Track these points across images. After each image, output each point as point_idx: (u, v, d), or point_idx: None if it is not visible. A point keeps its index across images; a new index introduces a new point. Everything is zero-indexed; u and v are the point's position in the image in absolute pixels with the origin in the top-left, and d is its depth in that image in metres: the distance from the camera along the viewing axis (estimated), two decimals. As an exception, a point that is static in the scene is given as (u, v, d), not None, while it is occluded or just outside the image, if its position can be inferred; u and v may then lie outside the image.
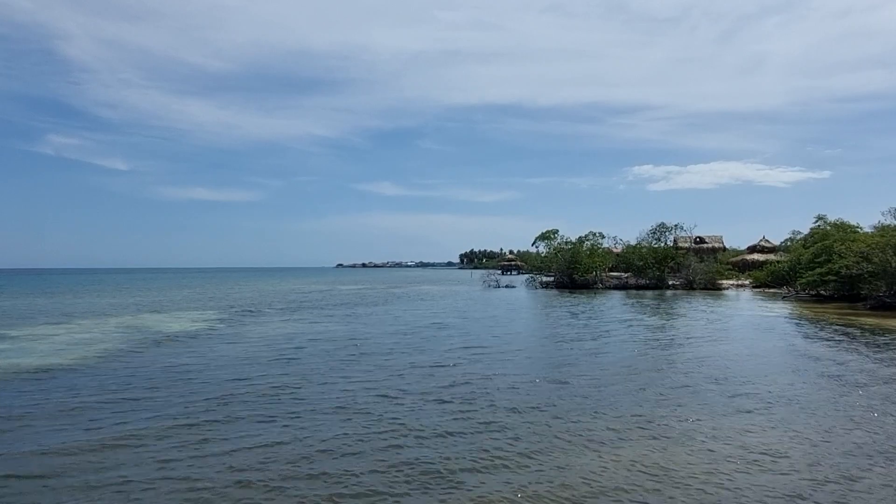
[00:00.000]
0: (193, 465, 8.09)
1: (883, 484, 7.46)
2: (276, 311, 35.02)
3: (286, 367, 15.74)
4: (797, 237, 65.05)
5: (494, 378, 14.11)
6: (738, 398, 12.07)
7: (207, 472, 7.82)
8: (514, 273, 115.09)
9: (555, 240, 64.29)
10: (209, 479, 7.58)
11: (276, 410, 11.00)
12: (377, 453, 8.58)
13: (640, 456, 8.49)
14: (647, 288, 58.19)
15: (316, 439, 9.21)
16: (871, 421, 10.32)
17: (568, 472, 7.88)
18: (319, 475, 7.75)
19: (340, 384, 13.42)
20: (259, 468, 7.98)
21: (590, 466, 8.06)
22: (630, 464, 8.16)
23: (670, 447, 8.86)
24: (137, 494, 7.14)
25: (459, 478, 7.66)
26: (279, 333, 23.18)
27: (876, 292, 36.73)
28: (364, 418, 10.46)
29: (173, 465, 8.08)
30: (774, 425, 10.05)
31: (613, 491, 7.25)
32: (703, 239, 73.97)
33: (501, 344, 20.26)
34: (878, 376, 14.43)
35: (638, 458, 8.38)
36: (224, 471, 7.88)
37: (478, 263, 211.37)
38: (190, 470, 7.92)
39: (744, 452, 8.62)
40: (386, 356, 17.50)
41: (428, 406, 11.38)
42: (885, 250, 35.52)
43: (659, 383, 13.63)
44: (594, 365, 16.08)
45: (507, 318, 30.75)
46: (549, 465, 8.12)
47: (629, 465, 8.10)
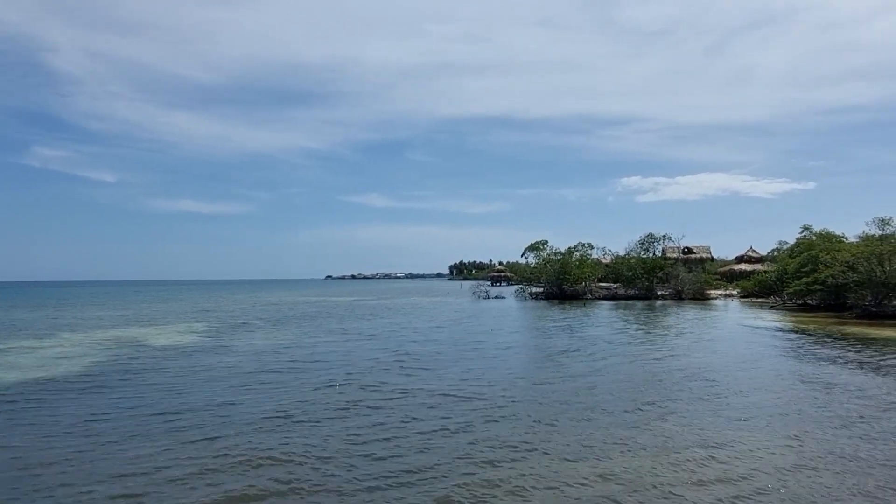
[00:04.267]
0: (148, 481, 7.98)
1: (864, 493, 7.48)
2: (263, 323, 34.78)
3: (267, 388, 15.59)
4: (784, 247, 65.49)
5: (479, 386, 14.08)
6: (725, 408, 12.08)
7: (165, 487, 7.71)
8: (504, 284, 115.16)
9: (544, 251, 64.38)
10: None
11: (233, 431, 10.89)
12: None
13: (631, 466, 8.48)
14: (636, 298, 58.38)
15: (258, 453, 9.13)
16: (857, 430, 10.36)
17: (555, 480, 7.85)
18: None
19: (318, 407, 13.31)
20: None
21: (574, 476, 8.03)
22: (620, 474, 8.14)
23: (657, 457, 8.84)
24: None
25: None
26: (265, 348, 22.99)
27: (861, 301, 37.05)
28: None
29: (128, 475, 7.97)
30: (762, 435, 10.05)
31: (597, 500, 7.23)
32: (692, 249, 74.43)
33: (489, 353, 20.22)
34: (863, 386, 14.52)
35: (629, 469, 8.37)
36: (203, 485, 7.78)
37: (467, 275, 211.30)
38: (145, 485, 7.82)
39: (728, 462, 8.62)
40: (380, 376, 17.39)
41: (412, 417, 11.31)
42: (870, 260, 35.87)
43: (649, 393, 13.62)
44: (582, 374, 16.05)
45: (497, 328, 30.70)
46: (534, 474, 8.09)
47: (618, 476, 8.08)
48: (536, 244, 65.17)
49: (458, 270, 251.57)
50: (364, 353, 20.77)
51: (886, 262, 35.58)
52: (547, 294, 61.76)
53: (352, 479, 8.00)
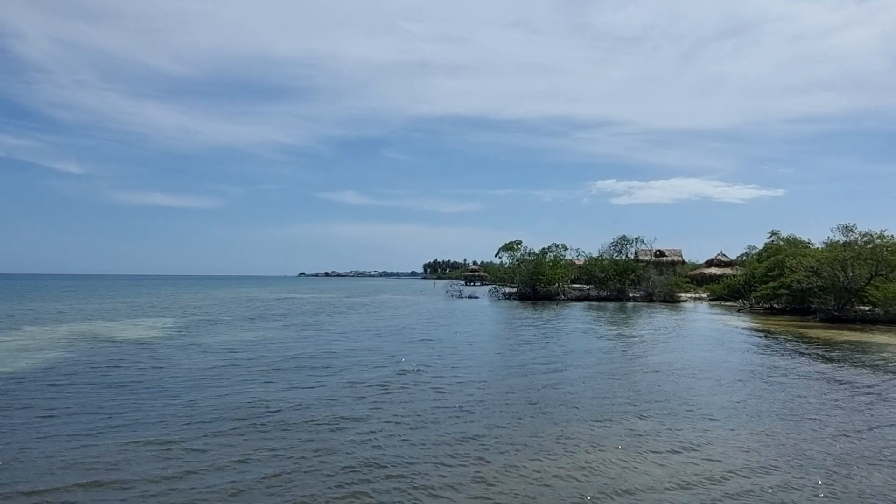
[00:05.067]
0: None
1: (829, 493, 7.56)
2: (234, 319, 34.20)
3: (235, 383, 15.28)
4: (752, 252, 66.69)
5: (452, 383, 13.98)
6: (691, 406, 12.21)
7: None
8: (478, 284, 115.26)
9: (518, 251, 64.58)
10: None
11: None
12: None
13: (594, 462, 8.48)
14: (608, 300, 58.92)
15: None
16: (814, 428, 10.55)
17: (525, 477, 7.78)
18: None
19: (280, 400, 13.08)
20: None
21: (544, 472, 7.97)
22: (584, 470, 8.12)
23: (625, 453, 8.84)
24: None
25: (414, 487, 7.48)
26: (232, 344, 22.58)
27: (825, 306, 37.92)
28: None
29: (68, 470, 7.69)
30: (724, 433, 10.16)
31: (565, 496, 7.19)
32: (663, 252, 75.44)
33: (460, 352, 20.14)
34: (823, 387, 14.81)
35: (591, 465, 8.36)
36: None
37: (441, 274, 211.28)
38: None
39: (694, 458, 8.67)
40: (339, 370, 17.18)
41: (384, 413, 11.16)
42: (834, 265, 36.71)
43: (618, 392, 13.68)
44: (553, 374, 16.07)
45: (469, 327, 30.67)
46: (507, 471, 8.00)
47: (585, 471, 8.06)
48: (510, 244, 65.33)
49: (433, 269, 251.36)
50: (336, 349, 20.52)
51: (849, 267, 36.46)
52: (520, 294, 61.96)
53: (318, 479, 7.84)
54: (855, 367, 18.18)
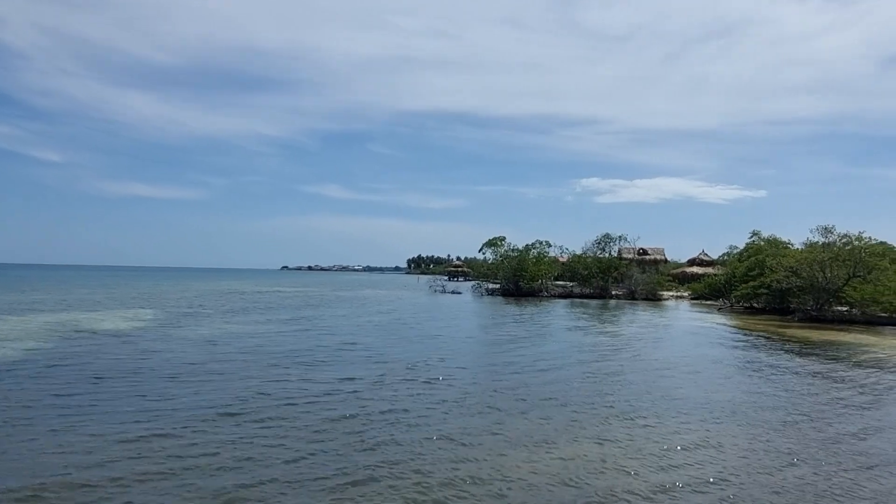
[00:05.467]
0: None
1: (798, 486, 7.63)
2: (215, 312, 33.84)
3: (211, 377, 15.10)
4: (733, 252, 67.47)
5: (435, 379, 13.95)
6: (669, 404, 12.29)
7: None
8: (461, 279, 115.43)
9: (502, 247, 64.69)
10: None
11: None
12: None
13: (572, 455, 8.49)
14: (591, 297, 59.26)
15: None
16: (789, 428, 10.68)
17: (501, 470, 7.77)
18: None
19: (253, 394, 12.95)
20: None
21: (522, 465, 7.97)
22: (562, 462, 8.13)
23: (601, 447, 8.86)
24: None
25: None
26: (212, 337, 22.33)
27: (804, 306, 38.50)
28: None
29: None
30: (701, 429, 10.24)
31: (541, 487, 7.18)
32: (646, 251, 76.06)
33: (443, 347, 20.09)
34: (798, 387, 15.00)
35: (571, 457, 8.38)
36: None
37: (425, 269, 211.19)
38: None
39: (667, 453, 8.72)
40: (322, 365, 17.06)
41: (365, 408, 11.09)
42: (813, 266, 37.26)
43: (599, 390, 13.73)
44: (535, 371, 16.08)
45: (452, 322, 30.66)
46: (484, 466, 7.98)
47: (562, 464, 8.07)
48: (494, 240, 65.42)
49: (416, 264, 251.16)
50: (315, 343, 20.37)
51: (828, 268, 37.03)
52: (503, 291, 62.09)
53: (300, 474, 7.75)
54: (830, 367, 18.45)
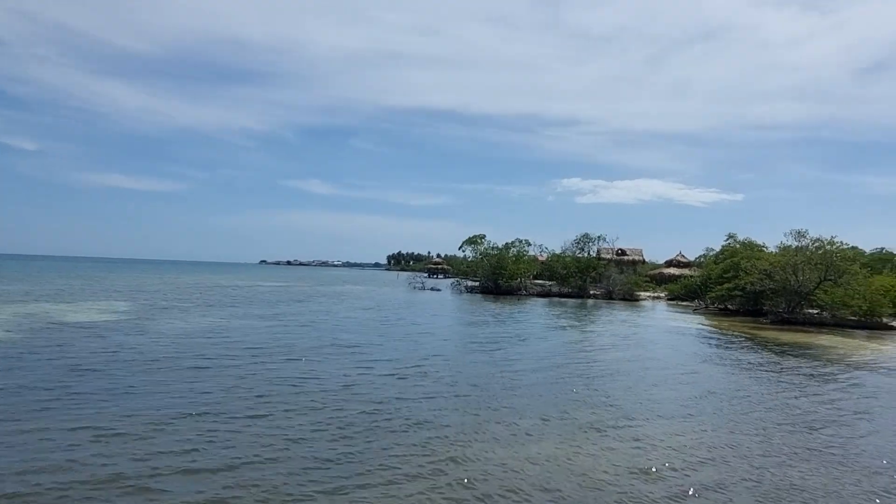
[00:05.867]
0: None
1: (782, 488, 7.77)
2: (191, 306, 33.40)
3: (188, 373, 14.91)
4: (710, 254, 68.36)
5: (413, 374, 13.92)
6: (643, 401, 12.43)
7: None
8: (441, 277, 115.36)
9: (482, 245, 64.79)
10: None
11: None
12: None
13: (548, 453, 8.55)
14: (569, 296, 59.61)
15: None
16: (759, 427, 10.88)
17: (479, 465, 7.78)
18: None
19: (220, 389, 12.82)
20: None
21: (498, 462, 7.99)
22: (539, 460, 8.17)
23: (581, 447, 8.92)
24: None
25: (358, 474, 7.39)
26: (187, 330, 22.04)
27: (776, 308, 39.15)
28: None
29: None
30: (679, 430, 10.36)
31: (521, 484, 7.21)
32: (625, 251, 76.77)
33: (421, 343, 20.07)
34: (768, 385, 15.26)
35: (546, 455, 8.44)
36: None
37: (405, 266, 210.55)
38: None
39: (646, 453, 8.82)
40: (299, 357, 16.93)
41: (341, 405, 11.03)
42: (786, 269, 37.89)
43: (575, 387, 13.81)
44: (512, 368, 16.14)
45: (431, 319, 30.63)
46: (461, 460, 7.99)
47: (537, 462, 8.11)
48: (474, 238, 65.50)
49: (397, 261, 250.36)
50: (292, 339, 20.20)
51: (800, 271, 37.68)
52: (482, 288, 62.22)
53: (282, 472, 7.68)
54: (798, 368, 18.80)
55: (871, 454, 9.63)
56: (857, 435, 10.90)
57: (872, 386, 16.33)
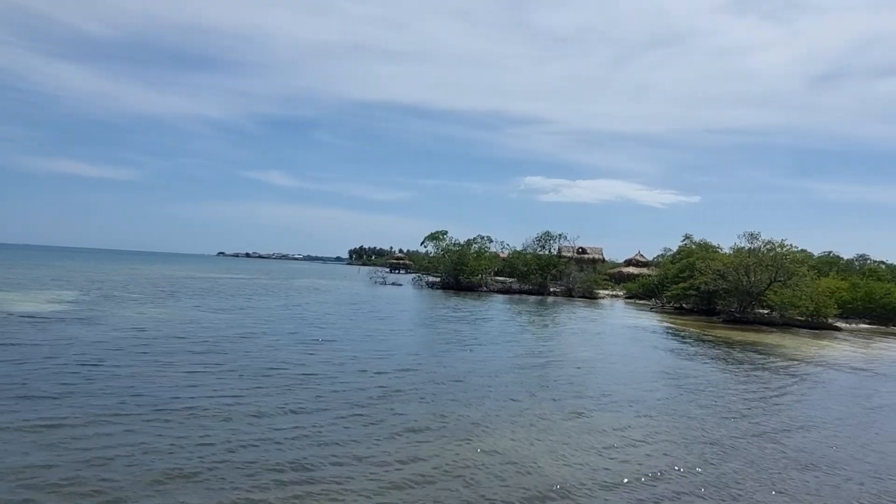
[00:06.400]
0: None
1: (729, 479, 7.90)
2: (143, 297, 32.37)
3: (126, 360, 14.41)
4: (667, 254, 69.86)
5: (370, 370, 13.75)
6: (600, 397, 12.57)
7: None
8: (403, 272, 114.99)
9: (443, 241, 64.74)
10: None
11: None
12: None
13: (503, 447, 8.52)
14: (529, 293, 60.08)
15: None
16: (708, 420, 11.12)
17: (434, 459, 7.68)
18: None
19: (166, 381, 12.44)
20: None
21: (454, 456, 7.91)
22: (494, 454, 8.14)
23: (538, 441, 8.92)
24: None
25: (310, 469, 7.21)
26: (137, 322, 21.34)
27: (728, 308, 40.24)
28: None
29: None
30: (633, 423, 10.52)
31: (471, 476, 7.15)
32: (585, 250, 77.73)
33: (379, 338, 19.88)
34: (721, 382, 15.63)
35: (501, 449, 8.41)
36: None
37: (367, 260, 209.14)
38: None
39: (602, 446, 8.89)
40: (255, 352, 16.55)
41: (287, 398, 10.78)
42: (738, 270, 38.97)
43: (535, 383, 13.86)
44: (470, 364, 16.10)
45: (391, 314, 30.42)
46: (418, 455, 7.88)
47: (493, 454, 8.09)
48: (436, 234, 65.40)
49: (358, 255, 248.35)
50: (248, 332, 19.75)
51: (752, 272, 38.81)
52: (443, 284, 62.22)
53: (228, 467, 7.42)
54: (747, 365, 19.32)
55: (803, 443, 10.01)
56: (795, 426, 11.27)
57: (812, 382, 16.98)
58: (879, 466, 9.32)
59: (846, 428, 11.87)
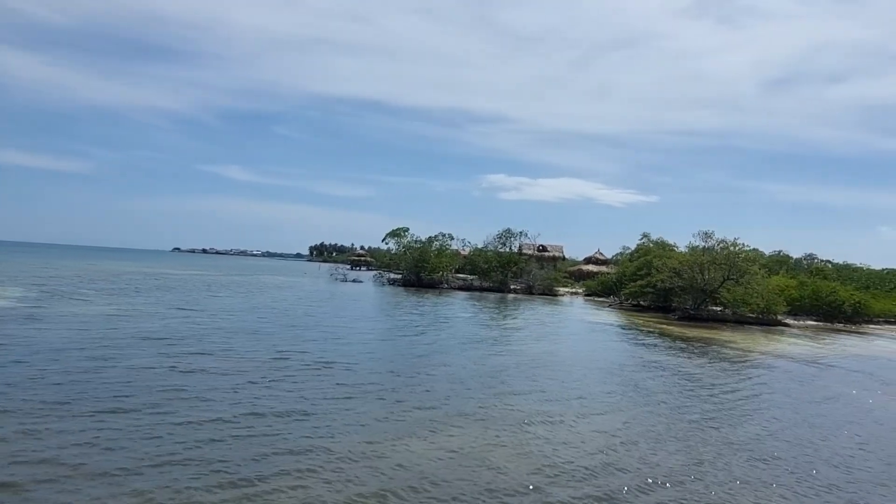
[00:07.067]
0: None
1: (675, 468, 8.01)
2: (93, 293, 31.24)
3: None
4: (626, 252, 71.12)
5: (326, 367, 13.52)
6: (555, 391, 12.64)
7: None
8: (364, 269, 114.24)
9: (405, 238, 64.54)
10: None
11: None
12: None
13: (463, 442, 8.47)
14: (489, 291, 60.34)
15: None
16: (662, 414, 11.31)
17: (393, 455, 7.57)
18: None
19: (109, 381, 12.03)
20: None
21: (412, 451, 7.82)
22: (450, 450, 8.07)
23: (494, 436, 8.89)
24: None
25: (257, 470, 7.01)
26: (85, 318, 20.57)
27: (683, 305, 41.16)
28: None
29: None
30: (583, 415, 10.60)
31: (433, 470, 7.06)
32: (546, 248, 78.57)
33: (338, 335, 19.62)
34: (674, 378, 15.94)
35: (461, 445, 8.35)
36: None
37: (327, 257, 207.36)
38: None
39: (551, 438, 8.92)
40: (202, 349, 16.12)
41: (243, 391, 10.51)
42: (693, 268, 39.89)
43: (492, 378, 13.85)
44: (428, 361, 16.03)
45: (351, 311, 30.11)
46: (374, 451, 7.75)
47: (451, 451, 8.00)
48: (397, 231, 65.13)
49: (319, 252, 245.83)
50: (203, 330, 19.23)
51: (706, 270, 39.79)
52: (404, 281, 62.01)
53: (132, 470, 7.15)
54: (700, 360, 19.78)
55: (750, 431, 10.28)
56: (739, 417, 11.54)
57: (759, 376, 17.59)
58: (815, 456, 9.62)
59: (788, 418, 12.24)
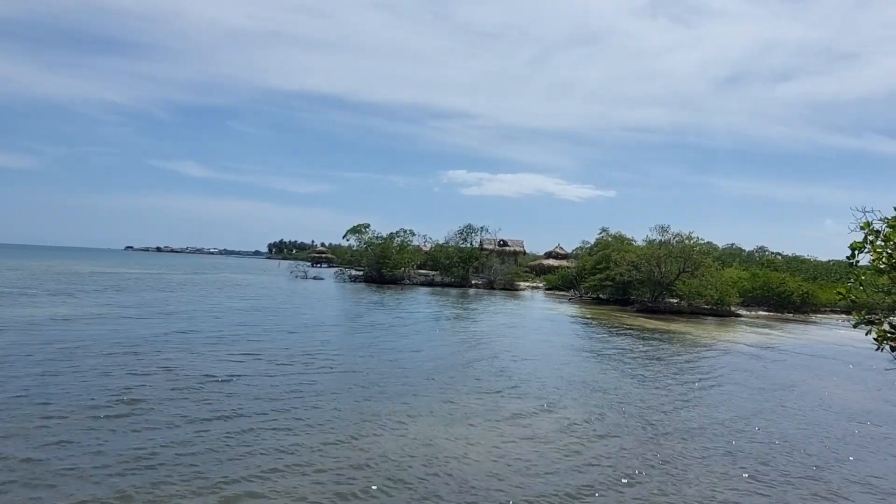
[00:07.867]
0: None
1: (621, 457, 8.10)
2: (38, 294, 29.99)
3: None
4: (585, 246, 72.08)
5: (286, 364, 13.24)
6: (514, 383, 12.66)
7: None
8: (325, 266, 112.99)
9: (366, 234, 64.10)
10: None
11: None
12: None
13: (425, 435, 8.38)
14: (451, 286, 60.46)
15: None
16: (619, 405, 11.47)
17: (354, 447, 7.42)
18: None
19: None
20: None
21: (375, 442, 7.69)
22: (419, 441, 7.96)
23: (456, 429, 8.83)
24: None
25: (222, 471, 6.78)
26: (30, 321, 19.71)
27: (641, 298, 41.97)
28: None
29: None
30: (543, 407, 10.63)
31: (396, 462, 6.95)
32: (507, 243, 78.97)
33: (298, 333, 19.29)
34: (630, 368, 16.19)
35: (423, 437, 8.25)
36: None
37: (287, 254, 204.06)
38: None
39: (512, 431, 8.91)
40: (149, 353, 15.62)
41: (207, 387, 10.18)
42: (650, 261, 40.67)
43: (454, 372, 13.80)
44: (391, 356, 15.89)
45: (311, 308, 29.69)
46: (338, 443, 7.58)
47: (417, 443, 7.91)
48: (358, 227, 64.62)
49: (278, 249, 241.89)
50: (157, 330, 18.63)
51: (663, 264, 40.61)
52: (366, 278, 61.57)
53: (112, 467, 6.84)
54: (659, 351, 20.18)
55: (701, 419, 10.48)
56: (688, 404, 11.78)
57: (711, 364, 18.10)
58: (765, 439, 9.87)
59: (737, 404, 12.54)
